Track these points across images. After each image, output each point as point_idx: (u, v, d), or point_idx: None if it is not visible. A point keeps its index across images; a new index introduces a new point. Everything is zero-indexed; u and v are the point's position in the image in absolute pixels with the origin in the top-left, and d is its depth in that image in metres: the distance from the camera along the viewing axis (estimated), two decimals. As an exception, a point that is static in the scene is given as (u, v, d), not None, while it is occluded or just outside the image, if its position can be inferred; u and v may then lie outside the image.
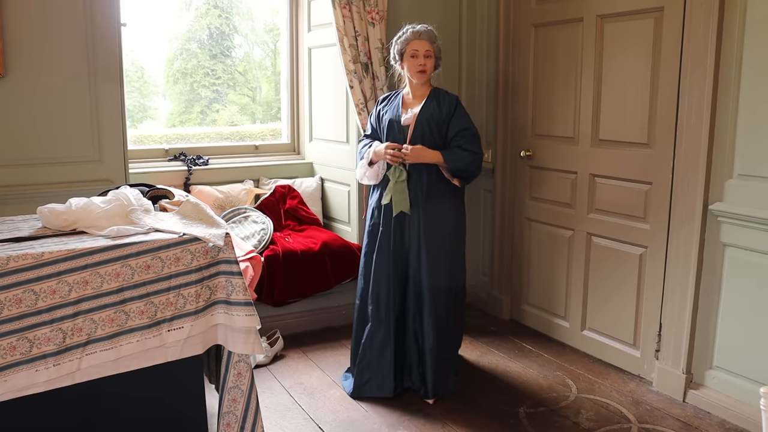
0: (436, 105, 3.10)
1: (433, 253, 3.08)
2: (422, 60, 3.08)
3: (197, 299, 2.20)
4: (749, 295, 2.84)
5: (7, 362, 1.94)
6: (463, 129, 3.08)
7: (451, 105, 3.11)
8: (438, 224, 3.09)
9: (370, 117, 3.34)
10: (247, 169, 4.37)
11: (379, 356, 3.13)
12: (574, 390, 3.23)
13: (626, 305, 3.39)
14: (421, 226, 3.08)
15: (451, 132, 3.08)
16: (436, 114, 3.08)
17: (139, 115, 4.89)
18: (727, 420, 2.91)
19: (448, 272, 3.13)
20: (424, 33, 3.09)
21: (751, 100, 2.76)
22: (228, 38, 5.09)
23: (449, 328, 3.17)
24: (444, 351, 3.16)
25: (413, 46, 3.08)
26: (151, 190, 2.64)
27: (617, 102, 3.34)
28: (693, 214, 2.99)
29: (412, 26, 3.14)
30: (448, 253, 3.13)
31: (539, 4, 3.76)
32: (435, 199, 3.09)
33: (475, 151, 3.07)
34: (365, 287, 3.21)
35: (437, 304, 3.09)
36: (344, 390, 3.20)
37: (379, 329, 3.13)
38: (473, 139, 3.09)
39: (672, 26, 3.03)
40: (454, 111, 3.10)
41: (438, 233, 3.09)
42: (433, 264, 3.08)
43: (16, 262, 1.94)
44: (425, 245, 3.07)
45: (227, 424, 2.29)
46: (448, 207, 3.13)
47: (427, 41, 3.09)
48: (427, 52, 3.09)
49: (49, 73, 3.26)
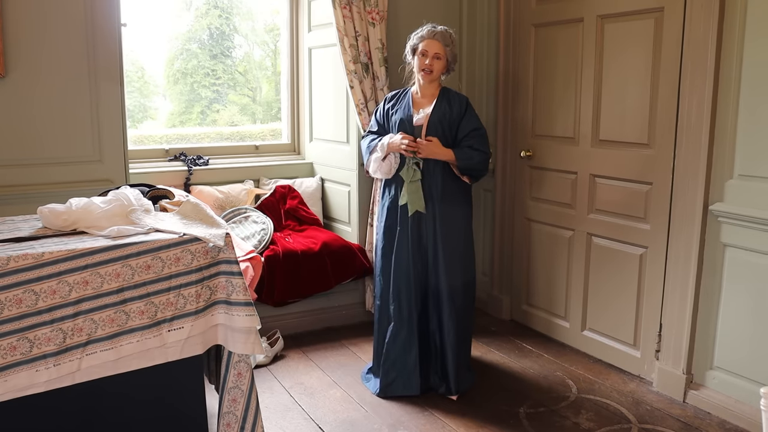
0: (447, 105, 3.12)
1: (449, 252, 3.12)
2: (430, 60, 3.07)
3: (197, 299, 2.20)
4: (749, 296, 2.83)
5: (8, 362, 1.94)
6: (474, 129, 3.11)
7: (462, 106, 3.13)
8: (452, 223, 3.14)
9: (375, 114, 3.34)
10: (247, 170, 4.37)
11: (403, 355, 3.16)
12: (575, 390, 3.23)
13: (626, 305, 3.39)
14: (437, 225, 3.12)
15: (462, 132, 3.11)
16: (447, 114, 3.10)
17: (140, 115, 4.89)
18: (727, 420, 2.91)
19: (463, 270, 3.17)
20: (438, 34, 3.08)
21: (751, 100, 2.76)
22: (228, 38, 5.09)
23: (465, 324, 3.21)
24: (462, 347, 3.20)
25: (425, 45, 3.08)
26: (151, 191, 2.64)
27: (617, 102, 3.34)
28: (693, 215, 2.99)
29: (432, 25, 3.13)
30: (463, 252, 3.18)
31: (539, 5, 3.76)
32: (449, 198, 3.13)
33: (485, 151, 3.12)
34: (385, 287, 3.22)
35: (455, 302, 3.13)
36: (370, 390, 3.20)
37: (402, 328, 3.16)
38: (483, 139, 3.12)
39: (672, 26, 3.03)
40: (464, 112, 3.12)
41: (453, 232, 3.13)
42: (450, 262, 3.12)
43: (17, 262, 1.94)
44: (442, 244, 3.12)
45: (227, 424, 2.29)
46: (461, 206, 3.18)
47: (440, 42, 3.07)
48: (437, 54, 3.07)
49: (50, 73, 3.27)
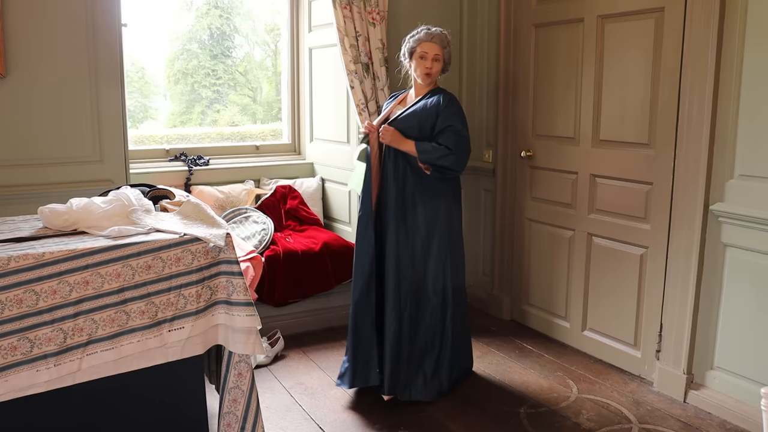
0: (427, 101, 3.08)
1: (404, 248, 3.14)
2: (430, 63, 3.06)
3: (198, 299, 2.20)
4: (750, 296, 2.83)
5: (8, 362, 1.94)
6: (447, 126, 3.02)
7: (442, 102, 3.06)
8: (416, 220, 3.10)
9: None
10: (247, 170, 4.37)
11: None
12: (575, 390, 3.23)
13: (627, 305, 3.39)
14: (398, 219, 3.09)
15: (437, 128, 3.04)
16: (422, 109, 3.06)
17: (140, 116, 4.89)
18: (727, 420, 2.91)
19: (415, 271, 3.14)
20: (437, 36, 3.07)
21: (751, 100, 2.76)
22: (229, 38, 5.09)
23: (411, 330, 3.15)
24: (402, 348, 3.14)
25: (424, 48, 3.06)
26: (151, 191, 2.64)
27: (618, 102, 3.34)
28: (694, 215, 2.99)
29: (427, 27, 3.12)
30: (421, 251, 3.15)
31: (540, 5, 3.75)
32: (421, 195, 3.07)
33: (450, 148, 2.99)
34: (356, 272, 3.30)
35: (401, 300, 3.13)
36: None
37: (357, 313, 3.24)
38: (454, 137, 3.00)
39: (673, 26, 3.03)
40: (443, 108, 3.04)
41: (416, 229, 3.10)
42: (402, 259, 3.12)
43: (17, 262, 1.94)
44: (397, 239, 3.11)
45: (228, 425, 2.29)
46: (432, 204, 3.10)
47: (438, 45, 3.06)
48: (437, 56, 3.06)
49: (50, 73, 3.27)
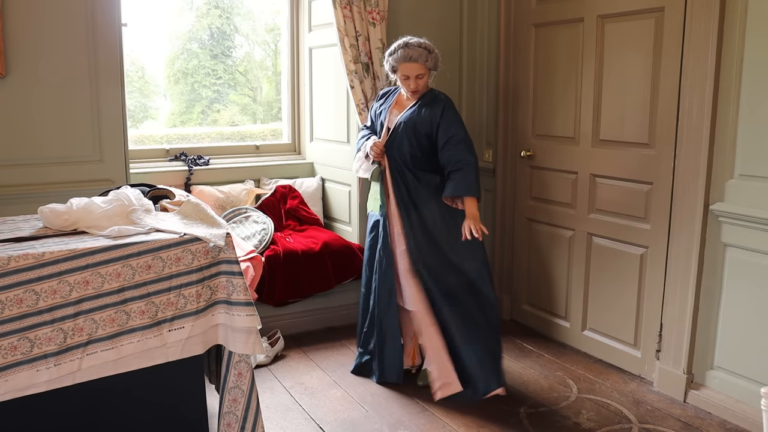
0: (421, 111, 3.04)
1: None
2: (413, 83, 3.02)
3: (198, 299, 2.20)
4: (750, 296, 2.83)
5: (8, 362, 1.94)
6: (451, 137, 2.98)
7: (439, 111, 3.01)
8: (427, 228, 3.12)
9: (370, 110, 3.36)
10: (247, 169, 4.37)
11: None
12: (575, 390, 3.23)
13: (627, 305, 3.39)
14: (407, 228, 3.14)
15: (440, 140, 3.01)
16: (416, 119, 3.03)
17: (140, 115, 4.89)
18: (727, 420, 2.91)
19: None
20: (414, 53, 2.97)
21: (751, 100, 2.76)
22: (229, 38, 5.09)
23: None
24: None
25: (403, 70, 3.01)
26: (151, 190, 2.64)
27: (618, 102, 3.34)
28: (694, 215, 2.99)
29: (404, 43, 3.02)
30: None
31: (540, 4, 3.75)
32: (424, 202, 3.10)
33: (468, 161, 2.96)
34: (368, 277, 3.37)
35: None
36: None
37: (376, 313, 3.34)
38: (463, 146, 2.98)
39: (673, 26, 3.03)
40: (441, 116, 3.00)
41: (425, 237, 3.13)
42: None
43: (17, 262, 1.94)
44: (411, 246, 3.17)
45: (228, 424, 2.29)
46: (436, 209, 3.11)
47: (417, 63, 2.98)
48: (419, 75, 3.00)
49: (50, 73, 3.27)
